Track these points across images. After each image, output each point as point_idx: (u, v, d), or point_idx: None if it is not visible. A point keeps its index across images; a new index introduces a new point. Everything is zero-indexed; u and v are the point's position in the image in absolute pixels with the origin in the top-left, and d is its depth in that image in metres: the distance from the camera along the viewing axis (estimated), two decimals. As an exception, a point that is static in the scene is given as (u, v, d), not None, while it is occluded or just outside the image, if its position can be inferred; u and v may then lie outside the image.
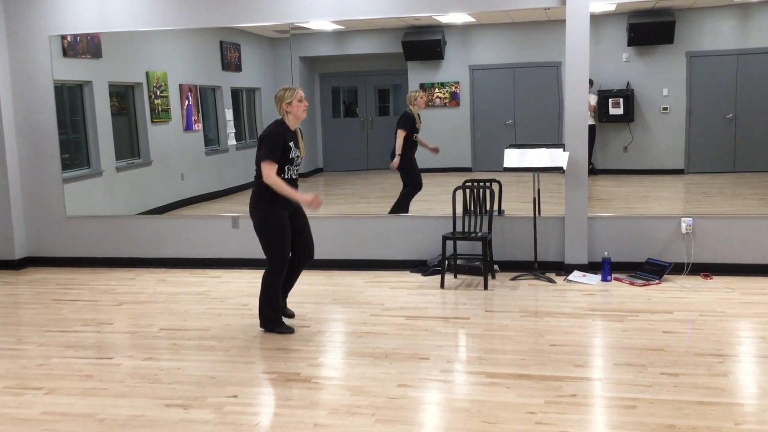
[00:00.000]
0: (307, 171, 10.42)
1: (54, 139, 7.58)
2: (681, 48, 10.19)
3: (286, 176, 4.98)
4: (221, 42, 9.33)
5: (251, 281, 6.77)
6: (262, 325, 5.24)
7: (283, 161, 4.93)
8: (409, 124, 7.48)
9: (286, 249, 5.05)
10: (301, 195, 4.95)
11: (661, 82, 10.38)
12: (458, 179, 6.85)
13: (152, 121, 8.59)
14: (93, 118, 7.96)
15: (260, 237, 5.06)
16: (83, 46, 7.79)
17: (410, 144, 7.49)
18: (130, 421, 3.79)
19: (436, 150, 7.92)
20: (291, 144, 4.96)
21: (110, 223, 7.68)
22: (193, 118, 9.13)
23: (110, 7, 7.26)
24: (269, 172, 4.87)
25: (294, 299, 6.08)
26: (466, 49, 10.37)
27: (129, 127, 8.59)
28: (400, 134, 7.42)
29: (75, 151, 8.15)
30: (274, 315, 5.17)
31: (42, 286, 6.91)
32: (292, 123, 5.03)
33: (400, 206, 7.43)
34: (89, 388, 4.28)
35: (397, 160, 7.42)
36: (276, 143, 4.89)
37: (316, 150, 10.84)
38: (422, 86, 10.33)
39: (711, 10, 10.14)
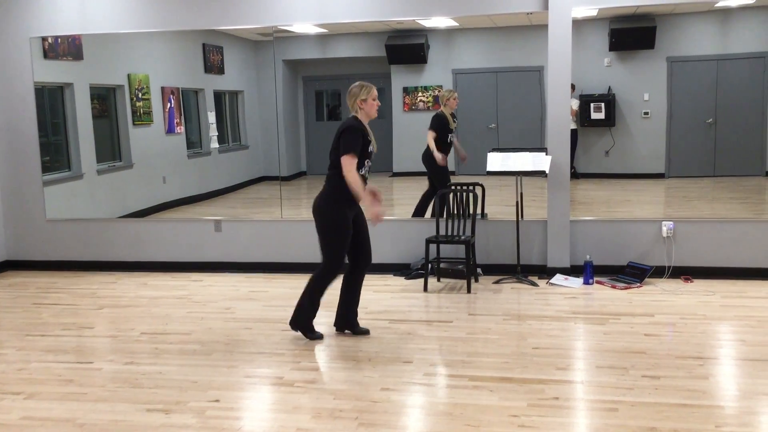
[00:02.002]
0: (291, 174, 10.41)
1: (34, 142, 7.51)
2: (662, 53, 10.28)
3: (362, 172, 4.88)
4: (204, 44, 9.29)
5: (234, 285, 6.74)
6: (293, 322, 5.06)
7: (363, 156, 4.84)
8: (440, 124, 7.26)
9: (345, 252, 4.94)
10: (368, 198, 4.79)
11: (642, 86, 10.47)
12: (441, 183, 6.86)
13: (134, 124, 8.53)
14: (74, 120, 7.89)
15: (322, 236, 4.92)
16: (64, 48, 7.73)
17: (443, 146, 7.26)
18: (111, 426, 3.76)
19: (464, 158, 7.84)
20: (369, 138, 4.88)
21: (91, 226, 7.61)
22: (175, 121, 9.09)
23: (91, 8, 7.21)
24: (350, 167, 4.73)
25: (277, 302, 6.08)
26: (449, 53, 10.40)
27: (110, 129, 8.53)
28: (430, 135, 7.21)
29: (55, 154, 8.08)
30: (310, 317, 5.04)
31: (22, 289, 6.84)
32: (364, 120, 4.91)
33: (422, 212, 7.30)
34: (69, 392, 4.24)
35: (440, 156, 7.15)
36: (356, 136, 4.78)
37: (300, 153, 10.83)
38: (405, 90, 10.35)
39: (691, 15, 10.24)
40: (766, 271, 6.37)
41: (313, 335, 5.05)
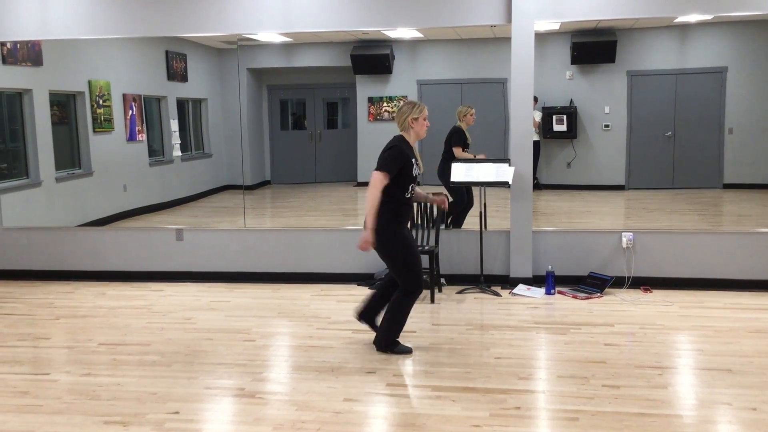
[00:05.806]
0: (255, 183, 10.35)
1: (-9, 148, 7.35)
2: (622, 67, 10.47)
3: (408, 194, 4.79)
4: (167, 51, 9.21)
5: (195, 295, 6.66)
6: (377, 343, 4.95)
7: (407, 179, 4.73)
8: (462, 139, 7.42)
9: (419, 267, 4.80)
10: (371, 225, 4.65)
11: (603, 99, 10.64)
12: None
13: (94, 131, 8.41)
14: (32, 127, 7.75)
15: (388, 262, 4.81)
16: (23, 54, 7.60)
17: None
18: (67, 440, 3.68)
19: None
20: (413, 161, 4.78)
21: (49, 234, 7.47)
22: (136, 129, 8.98)
23: (52, 14, 7.08)
24: (378, 184, 4.62)
25: (239, 313, 6.02)
26: (414, 63, 10.46)
27: (70, 136, 8.39)
28: (458, 150, 7.35)
29: (13, 161, 7.93)
30: (393, 335, 4.92)
31: (-25, 299, 6.68)
32: (413, 139, 4.83)
33: (455, 223, 7.32)
34: (24, 405, 4.14)
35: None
36: (398, 158, 4.67)
37: (264, 162, 10.77)
38: (370, 100, 10.37)
39: (651, 30, 10.46)
40: (723, 281, 6.49)
41: (398, 349, 4.92)
